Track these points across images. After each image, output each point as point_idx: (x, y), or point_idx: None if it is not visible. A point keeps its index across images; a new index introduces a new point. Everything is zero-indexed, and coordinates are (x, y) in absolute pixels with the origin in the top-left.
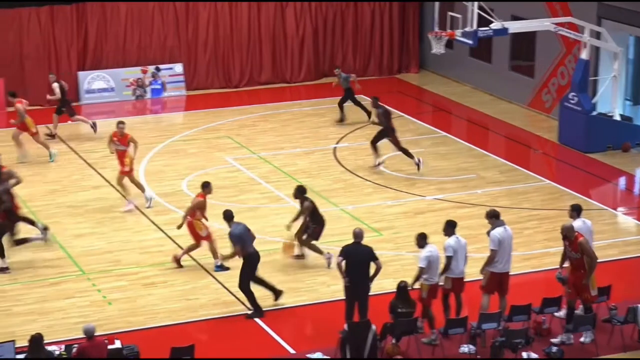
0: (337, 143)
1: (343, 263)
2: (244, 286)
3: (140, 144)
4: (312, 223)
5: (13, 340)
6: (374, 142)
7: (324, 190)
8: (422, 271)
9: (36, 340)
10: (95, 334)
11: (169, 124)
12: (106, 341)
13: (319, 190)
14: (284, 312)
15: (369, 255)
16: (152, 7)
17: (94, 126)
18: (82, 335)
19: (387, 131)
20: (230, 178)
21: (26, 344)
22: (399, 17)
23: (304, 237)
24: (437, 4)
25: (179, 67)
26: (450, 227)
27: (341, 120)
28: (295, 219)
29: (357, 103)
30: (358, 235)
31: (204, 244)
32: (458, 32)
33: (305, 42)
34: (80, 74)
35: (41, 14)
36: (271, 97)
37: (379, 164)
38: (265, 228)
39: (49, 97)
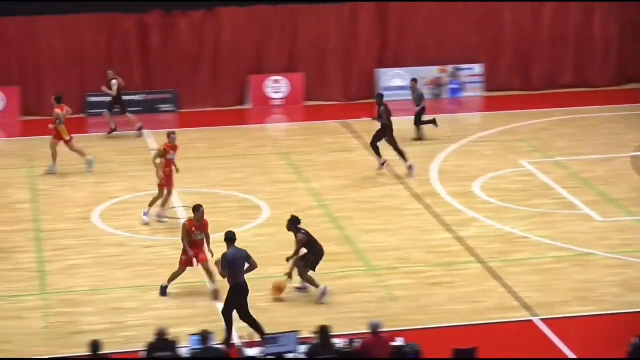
0: (637, 151)
1: None
2: (226, 313)
3: (435, 143)
4: (308, 253)
5: (296, 331)
6: (374, 143)
7: (620, 199)
8: None
9: (324, 331)
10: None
11: (465, 124)
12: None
13: (615, 199)
14: (571, 321)
15: None
16: (454, 6)
17: (140, 130)
18: (365, 331)
19: (386, 130)
20: (524, 182)
21: (310, 335)
22: None
23: (302, 268)
24: None
25: (478, 68)
26: None
27: (419, 139)
28: (295, 254)
29: (421, 122)
30: None
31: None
32: None
33: (612, 46)
34: (378, 71)
35: (343, 11)
36: (572, 101)
37: (383, 164)
38: (556, 235)
39: (104, 88)
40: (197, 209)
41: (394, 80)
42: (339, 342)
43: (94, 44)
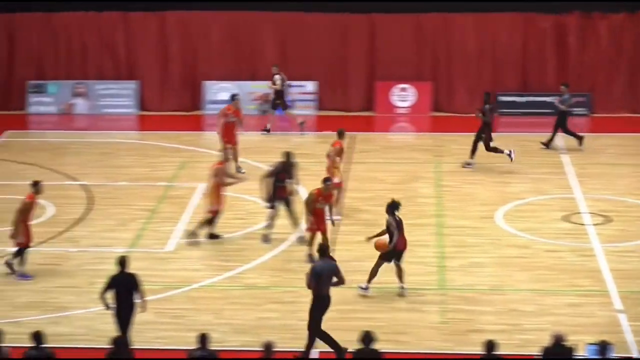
0: None
1: None
2: (314, 328)
3: None
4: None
5: None
6: (487, 146)
7: None
8: None
9: None
10: None
11: None
12: None
13: None
14: None
15: None
16: None
17: (301, 125)
18: None
19: (486, 126)
20: None
21: None
22: None
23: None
24: None
25: None
26: None
27: (547, 146)
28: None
29: (567, 131)
30: None
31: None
32: None
33: None
34: None
35: None
36: None
37: (469, 164)
38: None
39: (269, 86)
40: (326, 181)
41: None
42: None
43: (508, 43)
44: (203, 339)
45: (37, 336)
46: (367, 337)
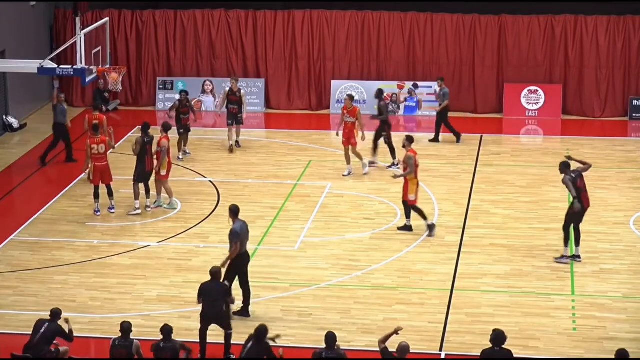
0: None
1: None
2: (229, 278)
3: None
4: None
5: None
6: (376, 140)
7: None
8: None
9: None
10: None
11: None
12: None
13: None
14: None
15: None
16: None
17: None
18: None
19: (384, 124)
20: None
21: None
22: None
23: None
24: None
25: None
26: None
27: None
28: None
29: (448, 125)
30: None
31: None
32: None
33: None
34: None
35: None
36: None
37: (372, 164)
38: None
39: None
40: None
41: None
42: None
43: None
44: (330, 339)
45: (165, 330)
46: (498, 338)
